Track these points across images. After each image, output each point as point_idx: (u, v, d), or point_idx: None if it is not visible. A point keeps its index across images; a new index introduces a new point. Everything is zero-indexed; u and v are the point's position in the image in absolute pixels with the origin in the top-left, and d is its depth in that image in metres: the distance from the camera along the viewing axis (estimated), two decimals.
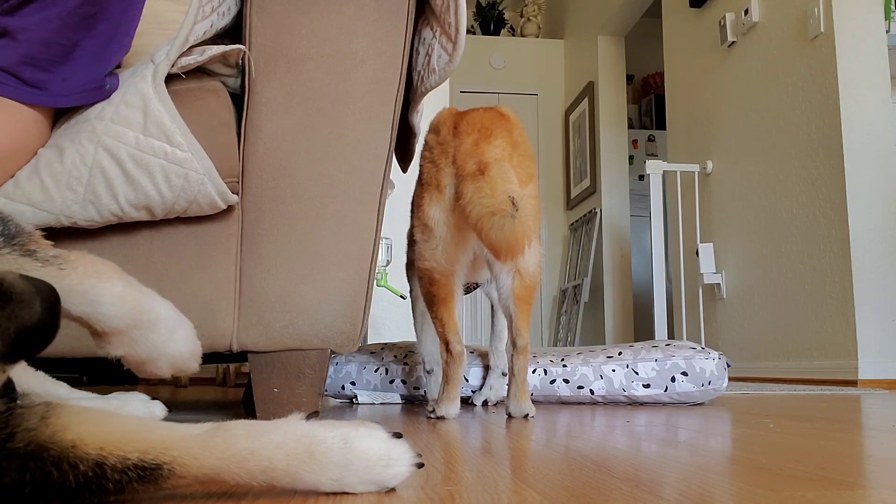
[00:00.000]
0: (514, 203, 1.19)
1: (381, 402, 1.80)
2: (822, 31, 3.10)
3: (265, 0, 1.18)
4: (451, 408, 1.36)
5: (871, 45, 3.06)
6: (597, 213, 5.45)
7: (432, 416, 1.36)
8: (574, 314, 5.47)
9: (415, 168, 1.51)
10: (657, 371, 1.71)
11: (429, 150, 1.40)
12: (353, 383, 1.85)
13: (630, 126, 6.10)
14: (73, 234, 1.10)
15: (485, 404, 1.70)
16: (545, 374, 1.75)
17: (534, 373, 1.74)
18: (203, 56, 1.10)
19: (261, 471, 0.55)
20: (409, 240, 1.56)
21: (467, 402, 1.73)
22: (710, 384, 1.69)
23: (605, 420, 1.35)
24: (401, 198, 1.83)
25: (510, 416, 1.37)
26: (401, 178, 1.78)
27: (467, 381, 1.74)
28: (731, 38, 3.82)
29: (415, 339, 1.68)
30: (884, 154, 3.01)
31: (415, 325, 1.64)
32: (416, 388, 1.81)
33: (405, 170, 1.64)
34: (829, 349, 3.05)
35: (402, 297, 2.65)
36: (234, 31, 1.24)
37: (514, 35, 6.69)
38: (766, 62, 3.55)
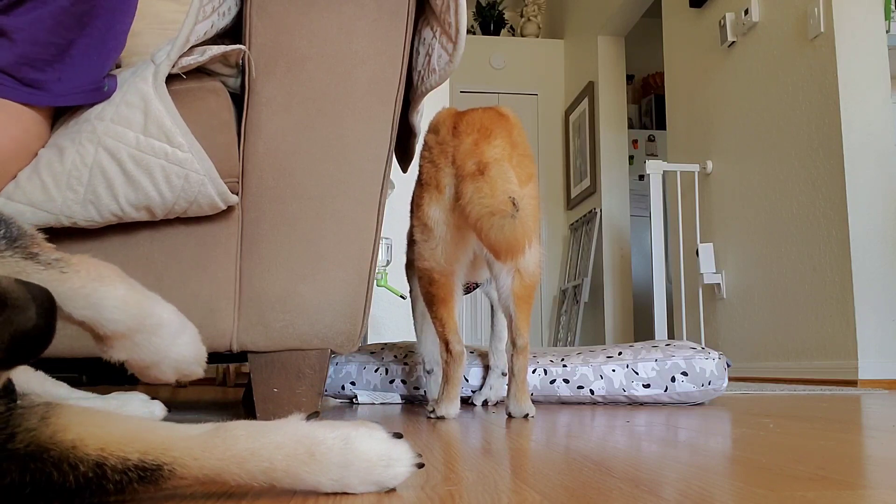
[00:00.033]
0: (515, 203, 1.19)
1: (381, 402, 1.80)
2: (822, 31, 3.10)
3: (265, 0, 1.18)
4: (451, 408, 1.36)
5: (871, 45, 3.06)
6: (597, 213, 5.45)
7: (432, 416, 1.36)
8: (574, 314, 5.47)
9: (415, 168, 1.51)
10: (657, 371, 1.71)
11: (428, 150, 1.40)
12: (353, 383, 1.85)
13: (630, 126, 6.10)
14: (74, 234, 1.10)
15: (485, 404, 1.70)
16: (545, 374, 1.75)
17: (534, 373, 1.74)
18: (203, 56, 1.10)
19: (261, 471, 0.55)
20: (408, 240, 1.56)
21: (467, 402, 1.73)
22: (710, 384, 1.69)
23: (605, 420, 1.35)
24: (401, 198, 1.83)
25: (510, 416, 1.37)
26: (401, 178, 1.78)
27: (467, 381, 1.74)
28: (731, 38, 3.82)
29: (415, 339, 1.68)
30: (884, 154, 3.01)
31: (415, 325, 1.64)
32: (416, 388, 1.81)
33: (405, 170, 1.64)
34: (829, 349, 3.05)
35: (402, 297, 2.65)
36: (234, 31, 1.24)
37: (514, 35, 6.69)
38: (766, 62, 3.55)
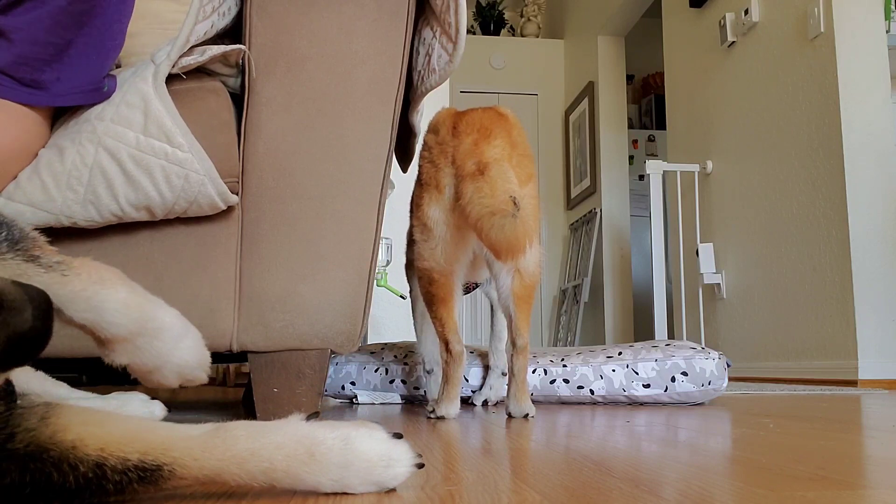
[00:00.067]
0: (516, 202, 1.19)
1: (381, 402, 1.80)
2: (822, 31, 3.10)
3: (265, 0, 1.18)
4: (451, 408, 1.36)
5: (871, 45, 3.06)
6: (597, 213, 5.45)
7: (432, 416, 1.36)
8: (574, 314, 5.47)
9: (414, 168, 1.51)
10: (657, 371, 1.71)
11: (428, 150, 1.40)
12: (353, 383, 1.85)
13: (630, 126, 6.10)
14: (74, 234, 1.10)
15: (485, 404, 1.70)
16: (545, 374, 1.75)
17: (534, 373, 1.74)
18: (203, 56, 1.10)
19: (261, 472, 0.55)
20: (408, 240, 1.56)
21: (467, 402, 1.73)
22: (710, 384, 1.69)
23: (605, 420, 1.35)
24: (401, 198, 1.83)
25: (510, 416, 1.37)
26: (401, 178, 1.78)
27: (467, 381, 1.74)
28: (731, 38, 3.82)
29: (415, 339, 1.68)
30: (884, 154, 3.01)
31: (415, 325, 1.64)
32: (416, 388, 1.81)
33: (405, 170, 1.64)
34: (829, 349, 3.05)
35: (402, 297, 2.65)
36: (234, 31, 1.24)
37: (514, 35, 6.69)
38: (766, 62, 3.55)
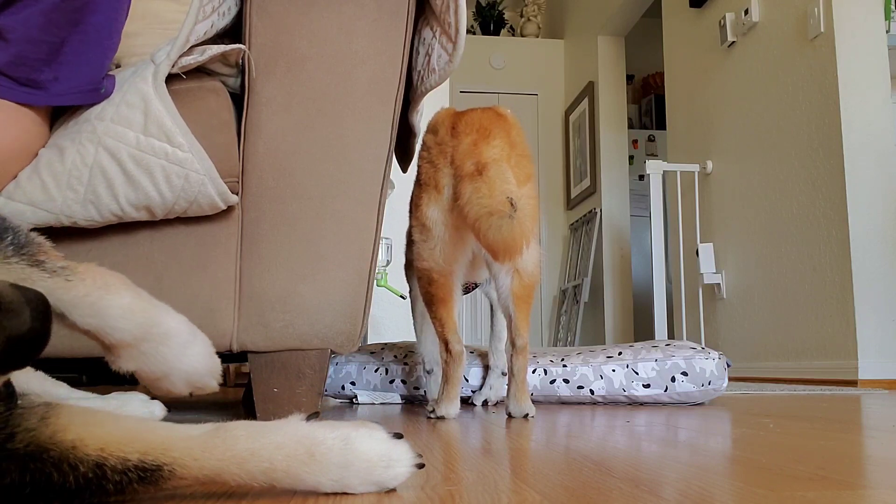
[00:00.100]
0: (513, 203, 1.19)
1: (381, 402, 1.80)
2: (822, 31, 3.10)
3: (265, 0, 1.18)
4: (451, 408, 1.36)
5: (871, 45, 3.06)
6: (597, 213, 5.45)
7: (432, 416, 1.36)
8: (574, 314, 5.47)
9: (414, 168, 1.51)
10: (657, 371, 1.71)
11: (427, 150, 1.40)
12: (353, 383, 1.85)
13: (630, 126, 6.10)
14: (74, 233, 1.10)
15: (485, 404, 1.70)
16: (545, 374, 1.75)
17: (534, 373, 1.74)
18: (203, 56, 1.10)
19: (261, 472, 0.55)
20: (407, 240, 1.56)
21: (467, 402, 1.73)
22: (710, 384, 1.69)
23: (605, 420, 1.35)
24: (401, 198, 1.83)
25: (510, 416, 1.37)
26: (401, 178, 1.77)
27: (467, 381, 1.74)
28: (731, 38, 3.82)
29: (415, 339, 1.68)
30: (884, 154, 3.01)
31: (414, 325, 1.64)
32: (416, 388, 1.81)
33: (405, 170, 1.64)
34: (829, 349, 3.05)
35: (402, 297, 2.65)
36: (234, 31, 1.24)
37: (514, 35, 6.69)
38: (766, 62, 3.55)
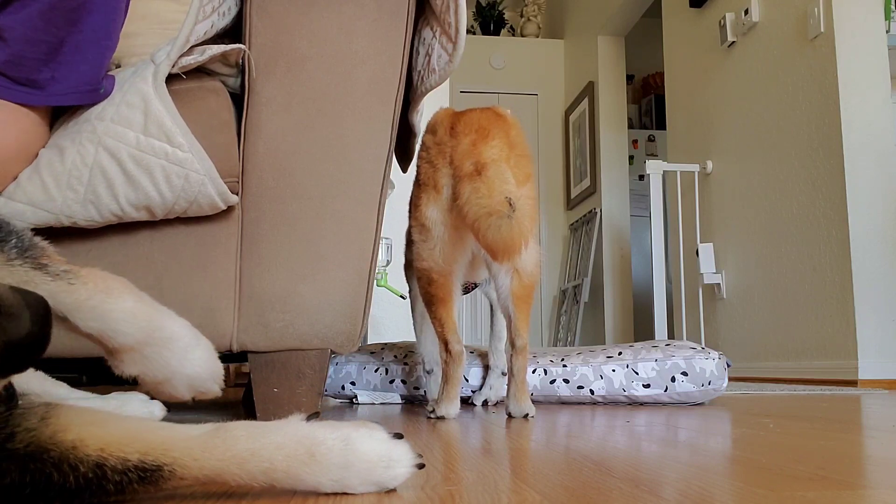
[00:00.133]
0: (511, 203, 1.19)
1: (381, 402, 1.80)
2: (822, 31, 3.10)
3: (265, 0, 1.18)
4: (451, 408, 1.36)
5: (871, 45, 3.06)
6: (597, 213, 5.45)
7: (432, 416, 1.36)
8: (574, 314, 5.47)
9: (414, 168, 1.51)
10: (657, 371, 1.71)
11: (426, 150, 1.40)
12: (353, 383, 1.85)
13: (630, 126, 6.10)
14: (74, 233, 1.10)
15: (485, 404, 1.70)
16: (545, 374, 1.75)
17: (534, 373, 1.74)
18: (203, 56, 1.10)
19: (261, 472, 0.55)
20: (407, 240, 1.56)
21: (467, 402, 1.73)
22: (710, 384, 1.69)
23: (605, 420, 1.35)
24: (401, 198, 1.83)
25: (510, 416, 1.37)
26: (401, 178, 1.77)
27: (467, 381, 1.74)
28: (731, 38, 3.82)
29: (415, 339, 1.68)
30: (884, 154, 3.01)
31: (414, 325, 1.64)
32: (416, 388, 1.81)
33: (405, 170, 1.64)
34: (829, 349, 3.05)
35: (402, 297, 2.65)
36: (234, 31, 1.24)
37: (514, 35, 6.69)
38: (766, 62, 3.55)
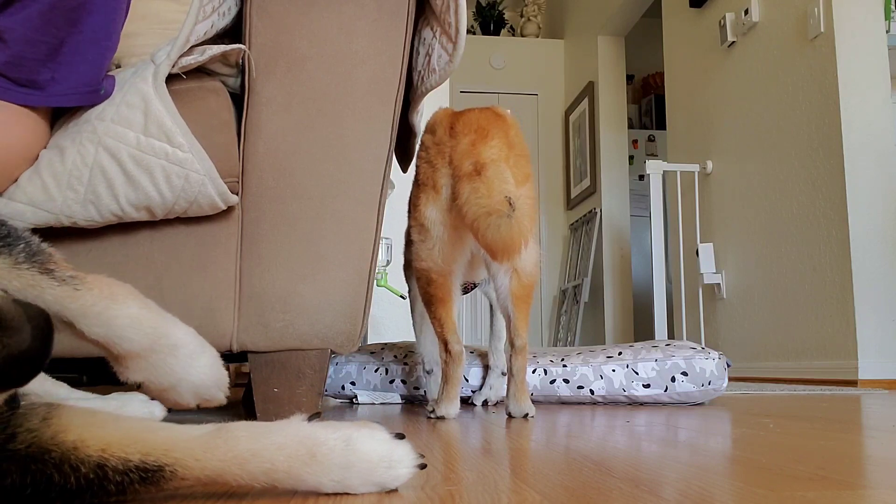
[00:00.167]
0: (511, 203, 1.19)
1: (381, 402, 1.80)
2: (822, 31, 3.10)
3: (265, 0, 1.18)
4: (451, 408, 1.36)
5: (871, 45, 3.06)
6: (597, 213, 5.45)
7: (432, 416, 1.36)
8: (574, 314, 5.47)
9: (414, 168, 1.51)
10: (657, 371, 1.71)
11: (425, 150, 1.40)
12: (353, 383, 1.85)
13: (630, 126, 6.10)
14: (74, 234, 1.10)
15: (485, 404, 1.70)
16: (545, 374, 1.75)
17: (534, 373, 1.74)
18: (203, 56, 1.10)
19: (262, 472, 0.55)
20: (406, 240, 1.56)
21: (467, 402, 1.73)
22: (710, 384, 1.69)
23: (605, 420, 1.35)
24: (401, 198, 1.83)
25: (510, 416, 1.37)
26: (401, 178, 1.78)
27: (467, 381, 1.74)
28: (731, 38, 3.82)
29: (415, 339, 1.68)
30: (884, 154, 3.01)
31: (414, 325, 1.64)
32: (416, 388, 1.81)
33: (405, 170, 1.64)
34: (829, 349, 3.06)
35: (402, 297, 2.65)
36: (234, 31, 1.24)
37: (514, 35, 6.68)
38: (766, 62, 3.55)
